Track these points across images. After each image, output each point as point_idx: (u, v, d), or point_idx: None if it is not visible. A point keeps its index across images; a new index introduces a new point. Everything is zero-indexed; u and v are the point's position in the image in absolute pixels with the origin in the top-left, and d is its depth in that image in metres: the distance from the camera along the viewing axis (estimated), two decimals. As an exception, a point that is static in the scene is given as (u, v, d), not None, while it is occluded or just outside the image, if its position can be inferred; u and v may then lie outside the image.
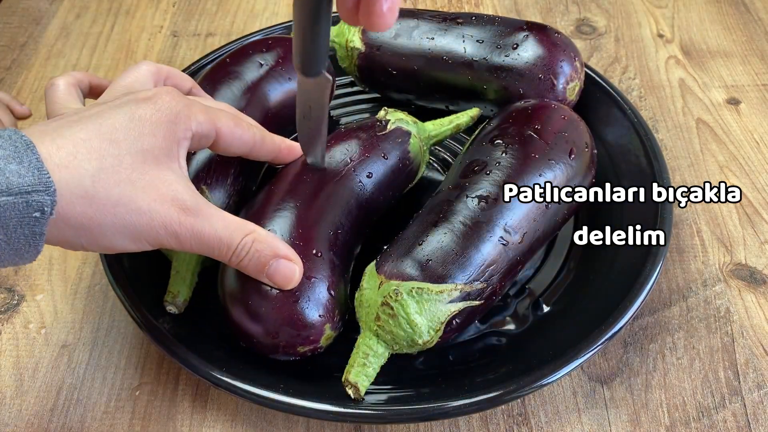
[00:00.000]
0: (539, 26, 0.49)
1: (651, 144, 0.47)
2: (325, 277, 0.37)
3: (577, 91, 0.49)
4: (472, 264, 0.37)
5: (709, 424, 0.38)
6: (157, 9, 0.70)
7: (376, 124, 0.45)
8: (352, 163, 0.43)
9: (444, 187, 0.42)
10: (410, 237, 0.38)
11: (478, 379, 0.38)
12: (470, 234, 0.37)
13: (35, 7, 0.70)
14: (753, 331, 0.43)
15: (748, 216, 0.49)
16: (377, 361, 0.36)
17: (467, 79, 0.50)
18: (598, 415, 0.39)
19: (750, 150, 0.54)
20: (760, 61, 0.62)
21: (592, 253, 0.45)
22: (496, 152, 0.41)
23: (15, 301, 0.45)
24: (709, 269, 0.46)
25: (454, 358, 0.40)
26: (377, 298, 0.36)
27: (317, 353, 0.38)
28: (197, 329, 0.41)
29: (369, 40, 0.52)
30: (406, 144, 0.45)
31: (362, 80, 0.54)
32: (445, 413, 0.35)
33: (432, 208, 0.40)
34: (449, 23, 0.51)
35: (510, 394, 0.35)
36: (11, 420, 0.39)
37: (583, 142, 0.43)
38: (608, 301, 0.40)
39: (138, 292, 0.41)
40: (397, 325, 0.36)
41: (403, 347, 0.37)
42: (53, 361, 0.42)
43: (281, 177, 0.42)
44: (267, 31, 0.58)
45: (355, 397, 0.36)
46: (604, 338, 0.37)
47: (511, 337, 0.41)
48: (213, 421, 0.39)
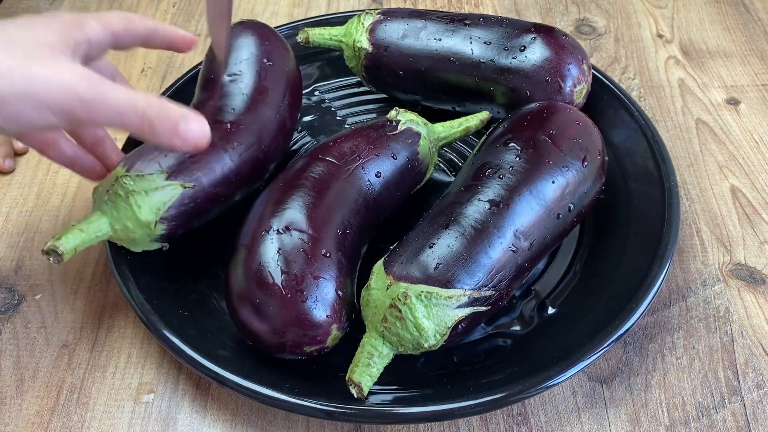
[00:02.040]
0: (547, 28, 0.49)
1: (658, 146, 0.47)
2: (333, 278, 0.37)
3: (585, 93, 0.49)
4: (482, 270, 0.37)
5: (708, 423, 0.39)
6: (157, 9, 0.70)
7: (387, 123, 0.45)
8: (360, 161, 0.43)
9: (454, 188, 0.42)
10: (420, 238, 0.38)
11: (483, 380, 0.38)
12: (481, 239, 0.37)
13: (35, 8, 0.70)
14: (752, 330, 0.43)
15: (748, 216, 0.49)
16: (381, 361, 0.36)
17: (474, 80, 0.50)
18: (598, 414, 0.39)
19: (749, 150, 0.54)
20: (760, 61, 0.62)
21: (598, 254, 0.45)
22: (509, 155, 0.41)
23: (15, 300, 0.45)
24: (708, 269, 0.46)
25: (458, 359, 0.40)
26: (385, 299, 0.36)
27: (323, 353, 0.38)
28: (201, 328, 0.41)
29: (376, 41, 0.52)
30: (416, 145, 0.45)
31: (369, 80, 0.55)
32: (449, 414, 0.35)
33: (442, 209, 0.40)
34: (457, 24, 0.51)
35: (515, 396, 0.35)
36: (11, 420, 0.39)
37: (596, 149, 0.42)
38: (614, 303, 0.40)
39: (142, 290, 0.41)
40: (404, 328, 0.36)
41: (408, 349, 0.37)
42: (53, 361, 0.42)
43: (288, 176, 0.42)
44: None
45: (358, 396, 0.36)
46: (610, 341, 0.37)
47: (517, 339, 0.42)
48: (213, 420, 0.39)
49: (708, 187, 0.51)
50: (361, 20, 0.53)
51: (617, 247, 0.44)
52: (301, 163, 0.43)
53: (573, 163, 0.41)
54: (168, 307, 0.41)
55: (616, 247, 0.44)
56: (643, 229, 0.44)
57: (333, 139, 0.44)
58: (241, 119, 0.44)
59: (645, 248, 0.42)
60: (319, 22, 0.58)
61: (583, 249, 0.46)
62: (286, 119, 0.47)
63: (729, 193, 0.51)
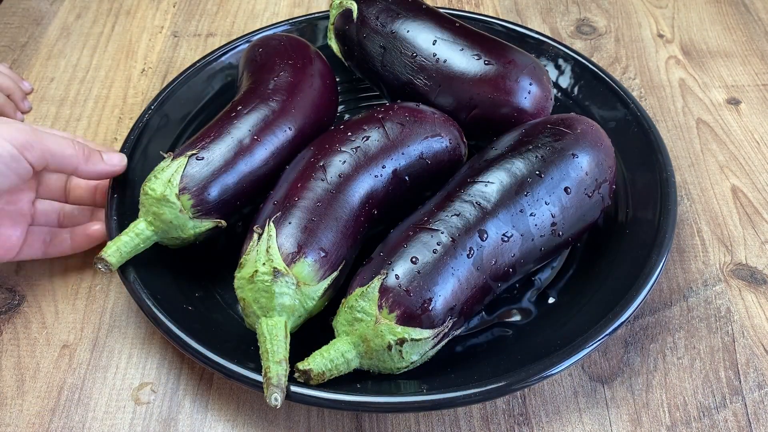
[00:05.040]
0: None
1: (655, 137, 0.48)
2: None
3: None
4: (463, 304, 0.37)
5: (709, 423, 0.39)
6: (157, 9, 0.70)
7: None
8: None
9: (448, 203, 0.40)
10: (412, 264, 0.37)
11: (487, 368, 0.38)
12: (470, 278, 0.37)
13: (36, 8, 0.70)
14: (753, 330, 0.43)
15: (749, 216, 0.49)
16: (344, 368, 0.36)
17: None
18: (599, 414, 0.39)
19: (750, 150, 0.54)
20: (760, 61, 0.62)
21: (598, 242, 0.45)
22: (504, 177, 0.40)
23: (16, 301, 0.45)
24: (709, 269, 0.46)
25: (462, 350, 0.41)
26: (374, 336, 0.36)
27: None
28: (204, 320, 0.41)
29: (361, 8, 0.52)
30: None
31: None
32: (451, 402, 0.35)
33: (437, 229, 0.38)
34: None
35: (519, 383, 0.36)
36: (12, 420, 0.39)
37: (605, 179, 0.42)
38: (615, 290, 0.40)
39: (147, 286, 0.41)
40: (389, 359, 0.36)
41: (379, 369, 0.37)
42: (54, 361, 0.42)
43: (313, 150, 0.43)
44: (267, 30, 0.58)
45: (304, 380, 0.35)
46: (614, 326, 0.37)
47: (518, 329, 0.42)
48: (214, 420, 0.39)
49: (709, 187, 0.51)
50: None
51: (616, 236, 0.44)
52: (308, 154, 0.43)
53: (581, 198, 0.41)
54: (172, 301, 0.41)
55: (616, 235, 0.45)
56: (641, 216, 0.44)
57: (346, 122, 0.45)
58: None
59: (643, 237, 0.42)
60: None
61: (584, 236, 0.46)
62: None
63: (730, 193, 0.51)
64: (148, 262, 0.42)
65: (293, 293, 0.37)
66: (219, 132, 0.43)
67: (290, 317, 0.37)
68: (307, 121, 0.46)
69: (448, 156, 0.45)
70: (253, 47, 0.51)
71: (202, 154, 0.42)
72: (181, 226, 0.41)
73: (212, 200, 0.41)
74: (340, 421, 0.39)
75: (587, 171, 0.41)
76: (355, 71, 0.55)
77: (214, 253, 0.46)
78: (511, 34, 0.57)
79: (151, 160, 0.48)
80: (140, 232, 0.41)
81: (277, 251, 0.37)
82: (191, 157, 0.41)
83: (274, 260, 0.37)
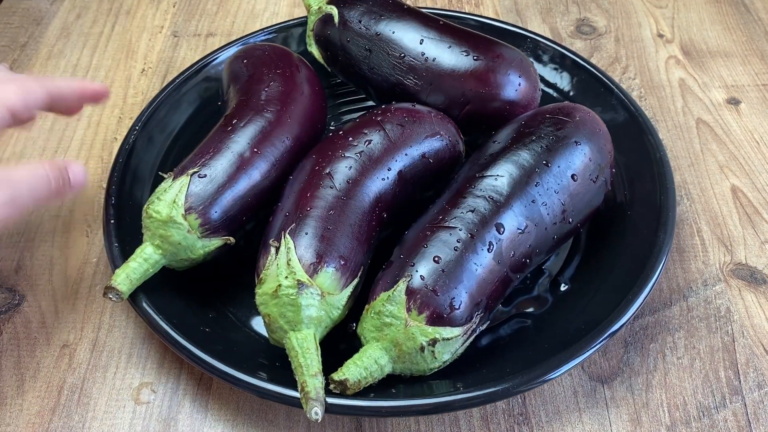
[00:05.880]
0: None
1: (653, 136, 0.48)
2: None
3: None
4: (487, 298, 0.37)
5: (709, 423, 0.39)
6: (157, 9, 0.70)
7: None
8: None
9: (460, 199, 0.40)
10: (435, 264, 0.37)
11: (517, 360, 0.38)
12: (492, 272, 0.37)
13: (36, 8, 0.70)
14: (753, 330, 0.43)
15: (749, 216, 0.49)
16: (378, 375, 0.36)
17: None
18: (599, 414, 0.39)
19: (750, 150, 0.54)
20: (760, 61, 0.62)
21: (600, 226, 0.46)
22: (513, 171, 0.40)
23: (16, 300, 0.45)
24: (709, 269, 0.46)
25: (487, 344, 0.41)
26: (405, 339, 0.36)
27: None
28: (224, 341, 0.40)
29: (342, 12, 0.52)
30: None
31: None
32: (489, 397, 0.35)
33: (455, 226, 0.38)
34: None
35: (530, 381, 0.36)
36: (12, 420, 0.39)
37: (606, 163, 0.43)
38: (629, 270, 0.41)
39: (161, 312, 0.40)
40: (422, 360, 0.36)
41: (414, 373, 0.37)
42: (54, 361, 0.42)
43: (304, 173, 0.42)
44: (268, 30, 0.58)
45: (340, 391, 0.35)
46: (635, 306, 0.38)
47: (536, 318, 0.42)
48: (214, 420, 0.39)
49: (708, 186, 0.51)
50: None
51: (618, 218, 0.45)
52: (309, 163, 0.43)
53: (584, 183, 0.42)
54: (189, 325, 0.40)
55: (618, 217, 0.46)
56: (643, 198, 0.45)
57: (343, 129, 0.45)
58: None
59: (648, 217, 0.43)
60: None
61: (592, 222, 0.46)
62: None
63: (730, 193, 0.51)
64: (156, 286, 0.41)
65: (319, 304, 0.36)
66: (218, 147, 0.42)
67: (317, 328, 0.37)
68: (303, 129, 0.46)
69: (449, 154, 0.45)
70: (236, 59, 0.51)
71: (204, 171, 0.41)
72: (191, 246, 0.40)
73: (219, 217, 0.41)
74: (339, 421, 0.39)
75: (590, 157, 0.42)
76: (339, 76, 0.55)
77: (219, 271, 0.45)
78: (508, 35, 0.57)
79: (141, 180, 0.48)
80: (148, 257, 0.40)
81: (297, 263, 0.36)
82: (193, 175, 0.41)
83: (296, 272, 0.36)
